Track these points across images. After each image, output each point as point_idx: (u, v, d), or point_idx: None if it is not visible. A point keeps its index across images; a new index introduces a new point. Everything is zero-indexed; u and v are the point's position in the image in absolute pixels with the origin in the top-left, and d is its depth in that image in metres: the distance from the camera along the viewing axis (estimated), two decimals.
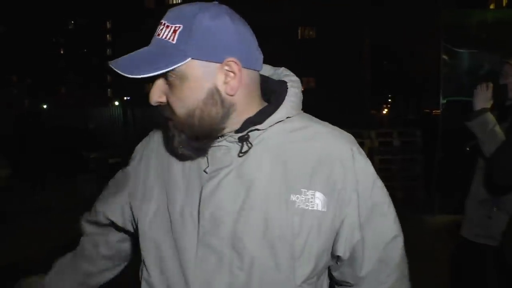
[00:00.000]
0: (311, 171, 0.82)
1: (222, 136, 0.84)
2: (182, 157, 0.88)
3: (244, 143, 0.82)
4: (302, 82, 0.93)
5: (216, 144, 0.84)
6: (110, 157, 8.67)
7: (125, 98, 37.27)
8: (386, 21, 30.62)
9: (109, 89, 49.06)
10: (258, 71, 0.87)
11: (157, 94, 0.81)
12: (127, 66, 0.77)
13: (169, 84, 0.80)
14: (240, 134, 0.83)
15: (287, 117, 0.86)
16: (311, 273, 0.82)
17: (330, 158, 0.82)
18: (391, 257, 0.88)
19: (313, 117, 0.92)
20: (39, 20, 43.58)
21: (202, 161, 0.86)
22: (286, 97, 0.87)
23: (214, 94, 0.80)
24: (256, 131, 0.83)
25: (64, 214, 4.62)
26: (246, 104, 0.84)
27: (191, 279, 0.82)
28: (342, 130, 0.90)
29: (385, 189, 0.89)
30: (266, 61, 0.91)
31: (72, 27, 50.58)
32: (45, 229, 4.99)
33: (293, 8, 28.64)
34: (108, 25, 48.34)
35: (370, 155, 6.59)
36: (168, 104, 0.82)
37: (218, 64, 0.79)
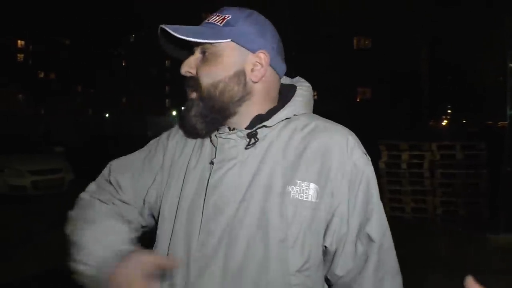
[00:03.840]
0: (307, 163, 0.87)
1: (233, 129, 0.91)
2: (193, 134, 0.96)
3: (252, 138, 0.89)
4: (357, 92, 0.94)
5: (226, 137, 0.91)
6: None
7: (182, 108, 38.38)
8: (445, 29, 29.37)
9: (167, 99, 50.86)
10: (280, 77, 0.98)
11: (190, 65, 0.92)
12: (177, 30, 0.87)
13: (204, 58, 0.90)
14: (249, 130, 0.91)
15: (294, 115, 0.92)
16: (305, 263, 0.85)
17: (327, 149, 0.88)
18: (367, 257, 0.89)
19: (320, 117, 0.96)
20: (102, 33, 46.02)
21: (210, 152, 0.93)
22: (293, 97, 0.95)
23: (240, 75, 0.90)
24: (264, 128, 0.90)
25: None
26: (261, 98, 0.93)
27: (192, 262, 0.87)
28: (345, 127, 0.94)
29: (377, 191, 0.91)
30: (321, 69, 0.92)
31: (132, 39, 53.01)
32: None
33: (348, 18, 28.33)
34: None
35: (431, 169, 6.25)
36: (195, 76, 0.91)
37: (251, 53, 0.90)
